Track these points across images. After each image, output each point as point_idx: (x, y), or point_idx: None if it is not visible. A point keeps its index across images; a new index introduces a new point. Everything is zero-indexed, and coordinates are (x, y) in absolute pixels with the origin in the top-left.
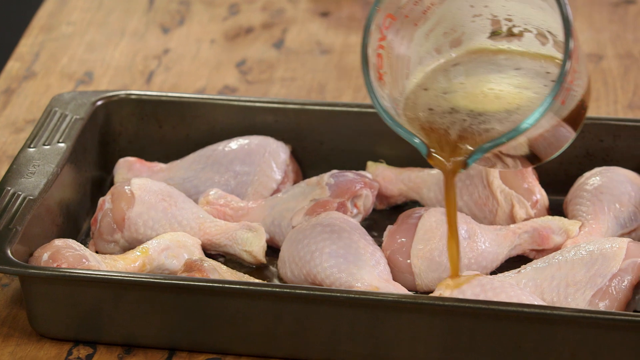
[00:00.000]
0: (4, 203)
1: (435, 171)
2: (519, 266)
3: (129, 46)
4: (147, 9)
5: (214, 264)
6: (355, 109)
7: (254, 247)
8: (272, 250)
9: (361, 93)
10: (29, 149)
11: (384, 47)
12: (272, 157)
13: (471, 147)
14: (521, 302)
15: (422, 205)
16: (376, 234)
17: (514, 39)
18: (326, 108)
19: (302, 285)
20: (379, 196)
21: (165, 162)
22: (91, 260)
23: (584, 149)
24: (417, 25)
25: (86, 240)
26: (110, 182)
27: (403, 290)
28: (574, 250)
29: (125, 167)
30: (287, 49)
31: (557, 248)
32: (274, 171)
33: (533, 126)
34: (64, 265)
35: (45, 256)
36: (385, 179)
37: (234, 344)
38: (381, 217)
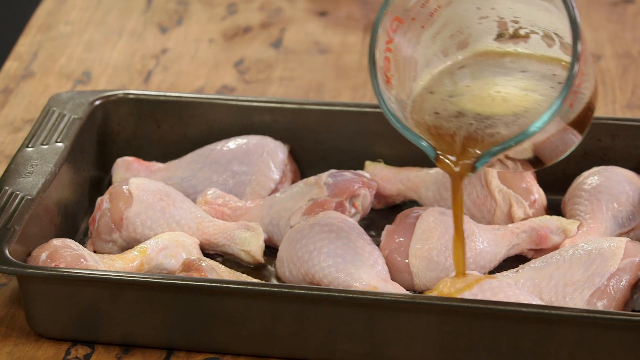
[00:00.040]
0: (2, 203)
1: (433, 171)
2: (517, 266)
3: (127, 46)
4: (145, 9)
5: (212, 263)
6: (354, 109)
7: (252, 246)
8: (270, 250)
9: (359, 93)
10: (27, 148)
11: (391, 50)
12: (270, 156)
13: (479, 150)
14: (519, 301)
15: (420, 205)
16: (374, 234)
17: (521, 41)
18: (324, 108)
19: (300, 285)
20: (377, 196)
21: (164, 161)
22: (89, 259)
23: (582, 149)
24: (424, 28)
25: (84, 240)
26: (108, 182)
27: (401, 290)
28: (572, 250)
29: (123, 167)
30: (285, 48)
31: (555, 248)
32: (272, 171)
33: (541, 129)
34: (62, 265)
35: (44, 256)
36: (383, 178)
37: (232, 343)
38: (379, 217)
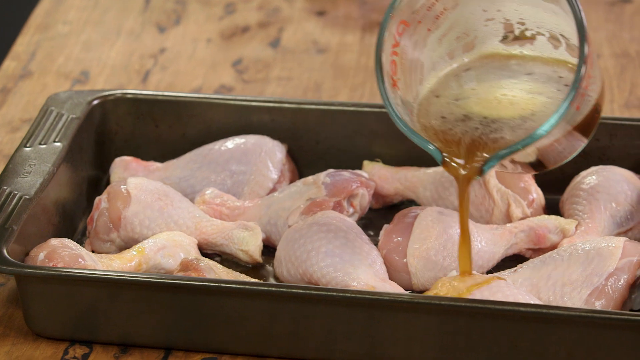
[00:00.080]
0: (0, 202)
1: (431, 170)
2: (515, 265)
3: (125, 45)
4: (143, 8)
5: (210, 263)
6: (352, 108)
7: (250, 246)
8: (268, 250)
9: (357, 92)
10: (25, 148)
11: (397, 54)
12: (269, 156)
13: (486, 154)
14: (517, 301)
15: (418, 205)
16: (372, 233)
17: (526, 43)
18: (322, 107)
19: (298, 285)
20: (375, 195)
21: (162, 161)
22: (87, 259)
23: None
24: (430, 31)
25: (82, 240)
26: (107, 182)
27: (399, 290)
28: (570, 250)
29: (122, 167)
30: (283, 48)
31: (553, 247)
32: (270, 170)
33: (549, 132)
34: (60, 265)
35: (42, 255)
36: (381, 178)
37: (230, 343)
38: (377, 216)
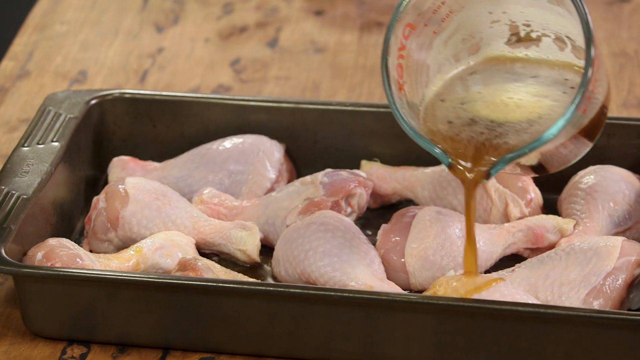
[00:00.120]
0: None
1: (429, 170)
2: (513, 265)
3: (123, 45)
4: (141, 8)
5: (208, 263)
6: (350, 108)
7: (248, 246)
8: (266, 249)
9: (355, 92)
10: (23, 148)
11: (403, 57)
12: (266, 156)
13: (493, 157)
14: (515, 301)
15: (416, 204)
16: (370, 233)
17: (532, 45)
18: (320, 107)
19: (296, 284)
20: (373, 195)
21: (159, 161)
22: (85, 259)
23: None
24: (436, 33)
25: (80, 240)
26: (104, 181)
27: (397, 289)
28: (568, 249)
29: (119, 166)
30: (281, 47)
31: (551, 247)
32: (268, 170)
33: (556, 136)
34: (57, 265)
35: (39, 255)
36: (379, 177)
37: (228, 343)
38: (375, 216)
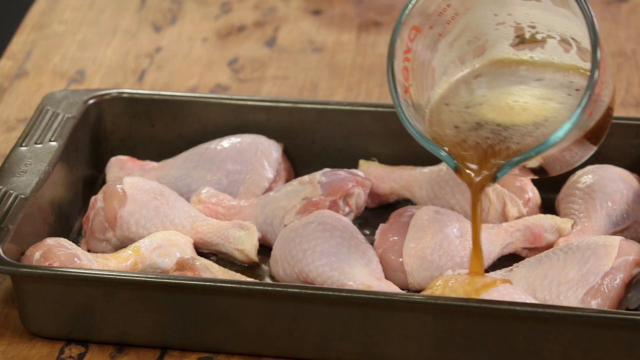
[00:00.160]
0: None
1: (427, 170)
2: (511, 264)
3: (121, 44)
4: (139, 8)
5: (206, 262)
6: (347, 108)
7: (246, 245)
8: (264, 249)
9: (353, 92)
10: (21, 147)
11: (409, 60)
12: (264, 155)
13: (499, 160)
14: (513, 300)
15: (414, 204)
16: (368, 232)
17: (537, 47)
18: (318, 106)
19: (294, 284)
20: (371, 194)
21: (158, 160)
22: (83, 259)
23: None
24: (441, 36)
25: (78, 239)
26: (102, 181)
27: (395, 289)
28: (566, 249)
29: (117, 166)
30: (279, 47)
31: (549, 246)
32: (266, 170)
33: (562, 139)
34: (55, 264)
35: (37, 255)
36: (377, 177)
37: (226, 342)
38: (373, 216)
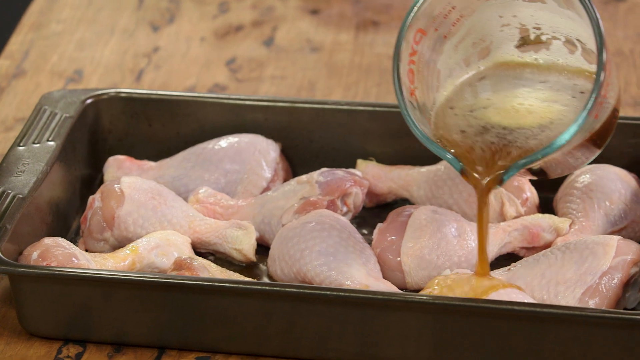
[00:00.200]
0: None
1: (425, 169)
2: (509, 264)
3: (118, 44)
4: (137, 7)
5: (203, 262)
6: (345, 107)
7: (244, 245)
8: (262, 249)
9: (351, 91)
10: (19, 147)
11: (414, 62)
12: (262, 155)
13: (506, 163)
14: (511, 300)
15: (412, 203)
16: (366, 232)
17: (542, 48)
18: (316, 106)
19: (292, 284)
20: (369, 194)
21: (155, 160)
22: (81, 258)
23: None
24: (446, 38)
25: (76, 239)
26: (100, 181)
27: (393, 289)
28: (564, 248)
29: (115, 166)
30: (277, 46)
31: (547, 246)
32: (263, 169)
33: (568, 142)
34: (53, 264)
35: (35, 255)
36: (375, 176)
37: (223, 342)
38: (371, 215)
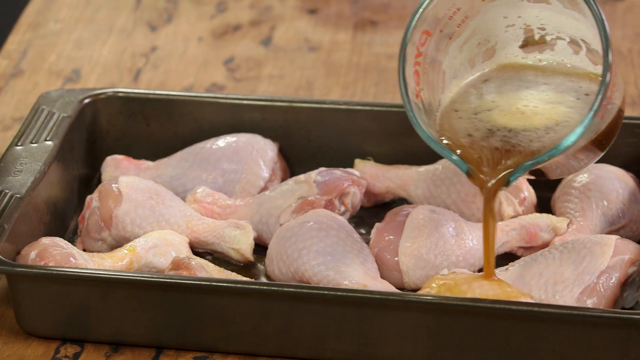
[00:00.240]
0: None
1: (422, 169)
2: (507, 263)
3: (116, 44)
4: (134, 7)
5: (201, 262)
6: (343, 107)
7: (242, 244)
8: (260, 248)
9: (349, 91)
10: (17, 147)
11: (420, 64)
12: (260, 154)
13: (511, 164)
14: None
15: (410, 203)
16: (364, 232)
17: (547, 48)
18: (314, 105)
19: (289, 283)
20: (367, 194)
21: (153, 160)
22: (78, 258)
23: None
24: (451, 39)
25: (74, 239)
26: (98, 180)
27: (391, 288)
28: (561, 248)
29: (113, 165)
30: (275, 46)
31: (545, 245)
32: (261, 169)
33: (574, 143)
34: (51, 264)
35: (33, 254)
36: (372, 176)
37: (221, 342)
38: (369, 215)
